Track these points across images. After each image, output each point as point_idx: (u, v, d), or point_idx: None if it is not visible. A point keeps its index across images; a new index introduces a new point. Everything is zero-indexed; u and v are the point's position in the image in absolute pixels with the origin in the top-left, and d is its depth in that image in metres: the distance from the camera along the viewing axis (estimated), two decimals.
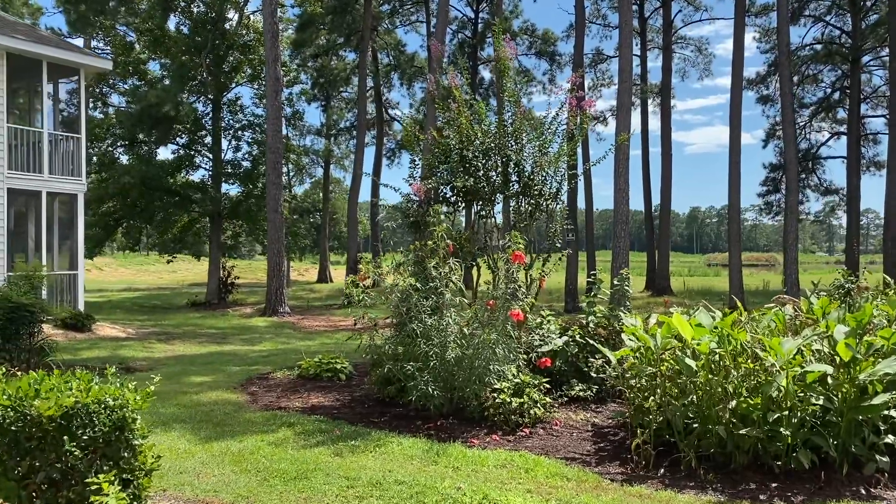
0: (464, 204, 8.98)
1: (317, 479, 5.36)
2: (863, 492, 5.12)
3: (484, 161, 8.47)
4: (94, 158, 28.10)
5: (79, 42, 28.84)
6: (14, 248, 16.71)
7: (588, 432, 6.87)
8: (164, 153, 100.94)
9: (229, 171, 29.84)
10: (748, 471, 5.57)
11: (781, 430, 5.36)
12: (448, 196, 8.79)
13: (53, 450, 3.24)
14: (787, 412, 5.43)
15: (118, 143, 28.88)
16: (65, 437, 3.24)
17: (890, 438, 5.46)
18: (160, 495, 5.02)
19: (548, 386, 7.48)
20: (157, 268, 58.22)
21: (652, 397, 6.08)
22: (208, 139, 29.57)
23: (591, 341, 7.87)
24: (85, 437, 3.31)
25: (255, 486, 5.23)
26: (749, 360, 5.84)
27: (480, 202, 8.76)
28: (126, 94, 29.58)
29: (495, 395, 6.99)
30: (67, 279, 17.20)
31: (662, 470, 5.69)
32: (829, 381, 5.63)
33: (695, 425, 5.84)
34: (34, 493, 3.27)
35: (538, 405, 6.98)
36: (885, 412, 5.44)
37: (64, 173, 17.13)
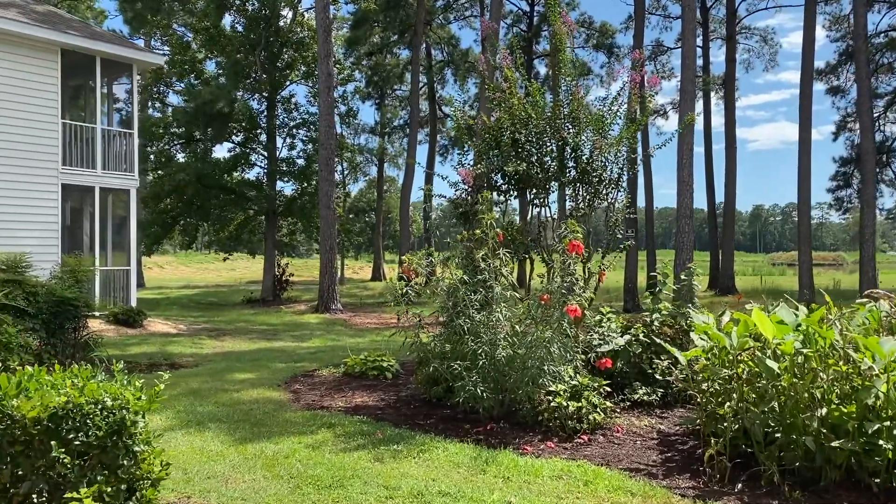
0: (516, 192, 8.40)
1: (353, 488, 4.90)
2: None
3: (538, 146, 7.88)
4: (152, 157, 28.45)
5: (139, 43, 29.27)
6: (70, 244, 16.86)
7: (653, 440, 6.24)
8: (221, 152, 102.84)
9: (284, 168, 29.84)
10: (840, 488, 4.89)
11: (881, 442, 4.67)
12: (499, 184, 8.23)
13: (41, 456, 2.83)
14: (888, 422, 4.72)
15: (175, 141, 29.20)
16: (52, 443, 2.83)
17: None
18: (184, 502, 4.63)
19: (608, 389, 6.86)
20: (217, 266, 59.14)
21: (728, 403, 5.42)
22: (263, 137, 29.64)
23: (658, 340, 7.20)
24: (77, 443, 2.89)
25: (286, 493, 4.80)
26: (840, 363, 5.13)
27: (534, 190, 8.16)
28: (181, 93, 29.90)
29: (550, 398, 6.41)
30: (121, 275, 17.27)
31: (740, 485, 5.04)
32: None
33: (776, 435, 5.18)
34: None
35: (598, 410, 6.38)
36: None
37: (117, 169, 17.22)
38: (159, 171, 28.31)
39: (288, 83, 30.29)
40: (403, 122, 48.04)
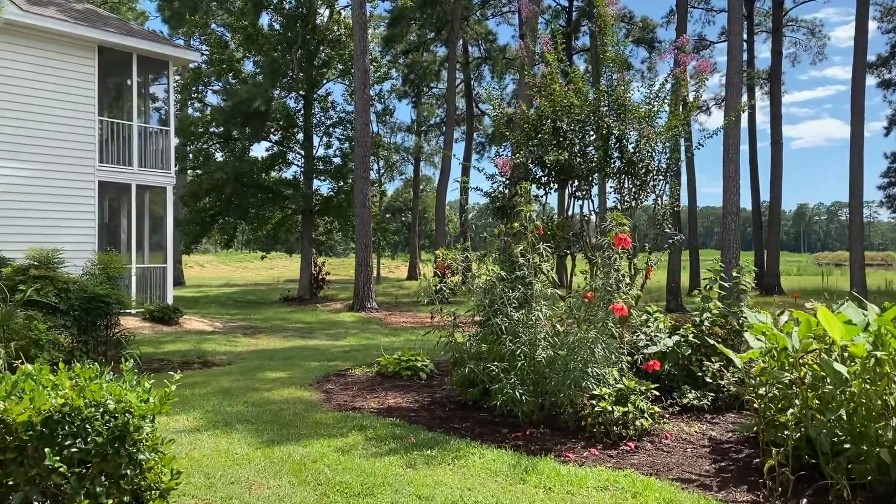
0: (556, 185, 8.00)
1: (383, 497, 4.58)
2: None
3: (580, 135, 7.47)
4: (191, 156, 28.63)
5: (179, 43, 29.47)
6: (108, 241, 16.90)
7: (705, 448, 5.81)
8: (259, 150, 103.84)
9: (320, 167, 29.78)
10: None
11: None
12: (538, 176, 7.84)
13: (35, 465, 2.57)
14: None
15: (213, 140, 29.33)
16: (46, 450, 2.56)
17: None
18: None
19: (656, 393, 6.44)
20: (255, 265, 59.56)
21: (790, 409, 4.98)
22: (300, 136, 29.62)
23: (709, 341, 6.75)
24: (75, 450, 2.62)
25: (312, 502, 4.50)
26: None
27: (575, 182, 7.76)
28: (220, 92, 30.04)
29: (594, 402, 6.02)
30: (157, 273, 17.27)
31: (805, 500, 4.60)
32: None
33: (845, 445, 4.72)
34: None
35: (645, 415, 5.96)
36: None
37: (154, 167, 17.23)
38: (198, 170, 28.47)
39: (325, 81, 30.21)
40: (440, 120, 47.79)
